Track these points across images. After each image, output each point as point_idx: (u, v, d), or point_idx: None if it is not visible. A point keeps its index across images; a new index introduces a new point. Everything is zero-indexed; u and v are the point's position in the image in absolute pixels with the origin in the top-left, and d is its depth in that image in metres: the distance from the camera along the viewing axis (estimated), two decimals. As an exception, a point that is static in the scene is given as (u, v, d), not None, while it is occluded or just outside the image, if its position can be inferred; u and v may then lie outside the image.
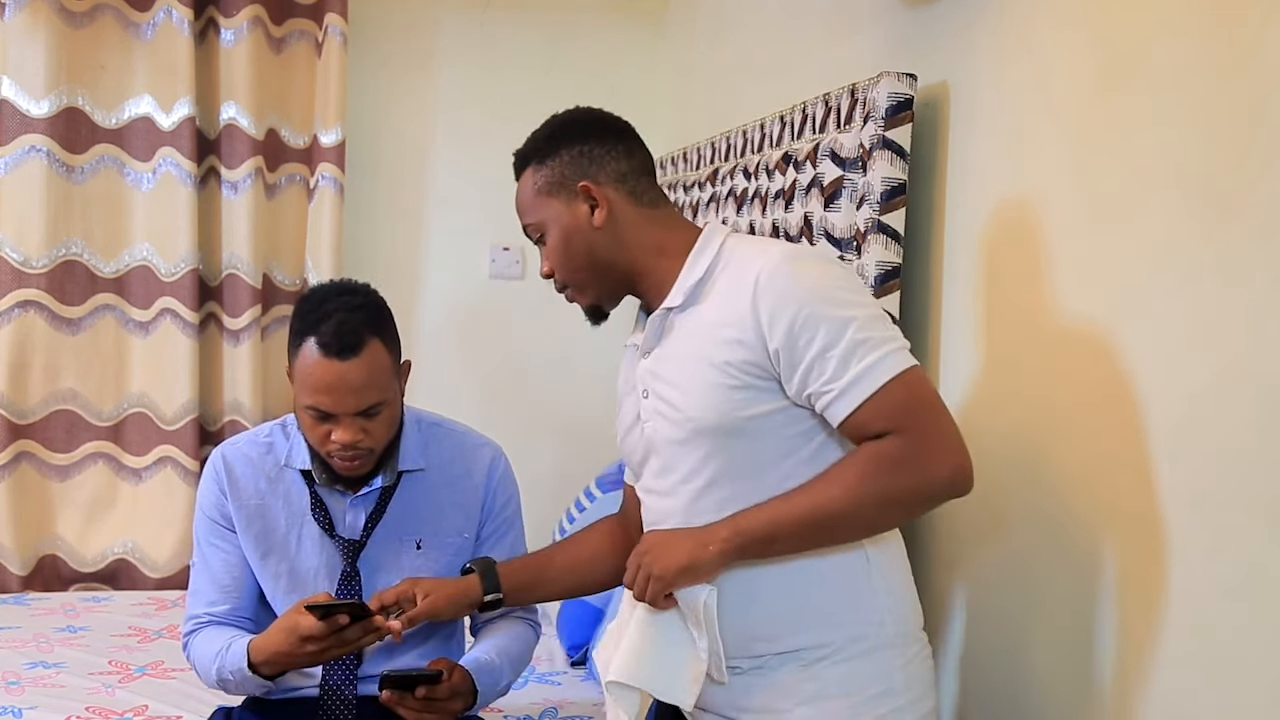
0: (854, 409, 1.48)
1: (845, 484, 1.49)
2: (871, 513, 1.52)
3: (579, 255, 1.66)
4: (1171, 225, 1.49)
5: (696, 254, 1.62)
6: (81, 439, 3.43)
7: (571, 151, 1.66)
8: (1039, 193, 1.78)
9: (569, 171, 1.66)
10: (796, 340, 1.49)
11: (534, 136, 1.72)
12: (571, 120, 1.72)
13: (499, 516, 2.10)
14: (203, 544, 2.06)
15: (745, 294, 1.52)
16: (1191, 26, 1.46)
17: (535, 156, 1.69)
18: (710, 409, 1.54)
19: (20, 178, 3.33)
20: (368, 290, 1.95)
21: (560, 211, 1.66)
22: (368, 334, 1.86)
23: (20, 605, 3.20)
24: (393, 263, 3.68)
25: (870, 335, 1.48)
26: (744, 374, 1.53)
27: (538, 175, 1.68)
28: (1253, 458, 1.35)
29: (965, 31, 1.98)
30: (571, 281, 1.69)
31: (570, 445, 3.74)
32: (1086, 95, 1.67)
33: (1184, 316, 1.46)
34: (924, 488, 1.50)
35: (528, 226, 1.71)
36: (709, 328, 1.56)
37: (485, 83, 3.72)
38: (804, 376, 1.50)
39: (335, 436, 1.87)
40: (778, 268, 1.52)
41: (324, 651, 1.84)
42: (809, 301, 1.49)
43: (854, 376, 1.47)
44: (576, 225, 1.65)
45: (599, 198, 1.64)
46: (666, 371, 1.62)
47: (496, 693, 2.02)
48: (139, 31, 3.42)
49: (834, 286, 1.52)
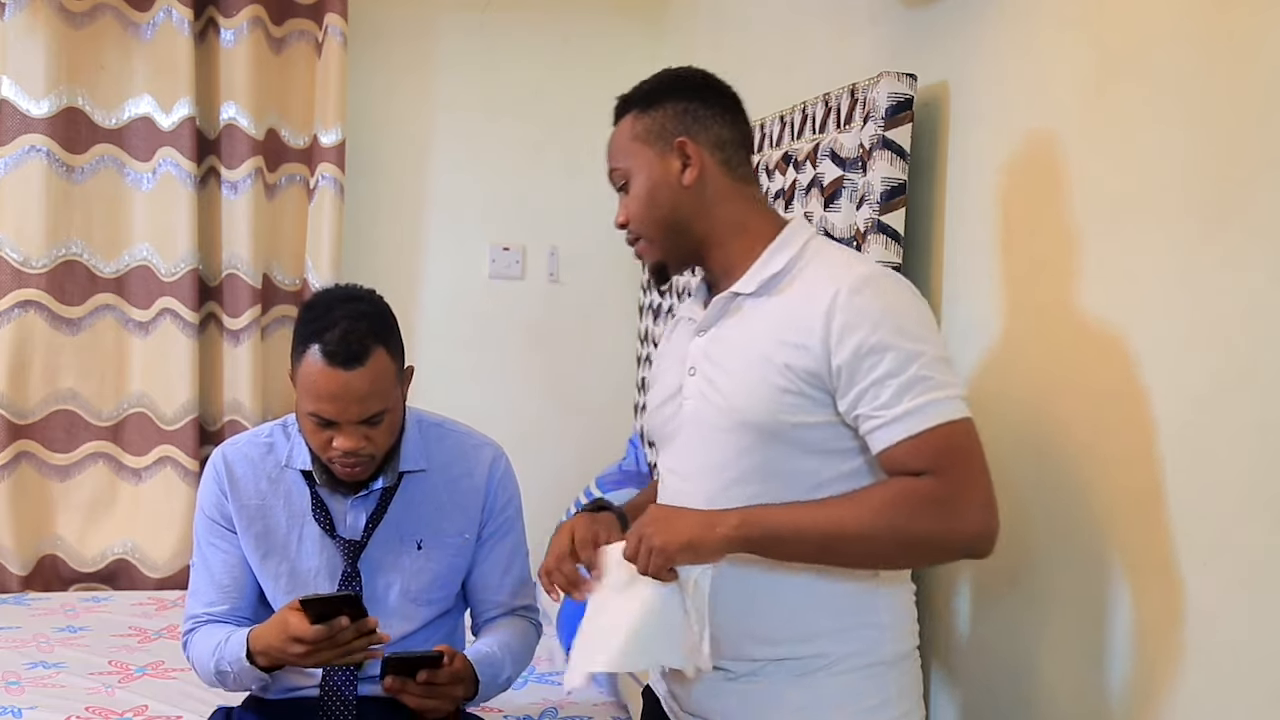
0: (897, 441, 1.46)
1: (869, 508, 1.47)
2: (885, 545, 1.48)
3: (660, 210, 1.62)
4: (1172, 225, 1.49)
5: (779, 246, 1.59)
6: (81, 439, 3.43)
7: (676, 106, 1.63)
8: (1039, 193, 1.78)
9: (670, 124, 1.62)
10: (862, 361, 1.46)
11: (641, 84, 1.68)
12: (683, 76, 1.68)
13: (500, 517, 2.10)
14: (202, 544, 2.06)
15: (821, 303, 1.49)
16: (1191, 26, 1.46)
17: (639, 103, 1.66)
18: (759, 406, 1.52)
19: (20, 178, 3.33)
20: (373, 297, 1.95)
21: (651, 161, 1.62)
22: (373, 343, 1.85)
23: (20, 605, 3.20)
24: (393, 263, 3.68)
25: (933, 375, 1.46)
26: (800, 380, 1.50)
27: (638, 122, 1.64)
28: (1255, 457, 1.35)
29: (965, 31, 1.98)
30: (645, 235, 1.65)
31: (570, 445, 3.74)
32: (1086, 95, 1.67)
33: (1185, 315, 1.46)
34: (945, 536, 1.47)
35: (614, 171, 1.67)
36: (775, 325, 1.54)
37: (485, 83, 3.72)
38: (858, 397, 1.47)
39: (337, 444, 1.87)
40: (861, 286, 1.49)
41: (312, 654, 1.82)
42: (883, 326, 1.47)
43: (907, 409, 1.45)
44: (665, 179, 1.62)
45: (693, 156, 1.61)
46: (721, 356, 1.59)
47: (498, 686, 2.01)
48: (139, 31, 3.41)
49: (910, 318, 1.50)
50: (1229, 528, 1.39)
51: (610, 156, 1.68)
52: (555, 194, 3.77)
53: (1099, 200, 1.64)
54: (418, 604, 2.03)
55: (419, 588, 2.03)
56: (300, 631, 1.79)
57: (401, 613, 2.01)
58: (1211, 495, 1.42)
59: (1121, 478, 1.57)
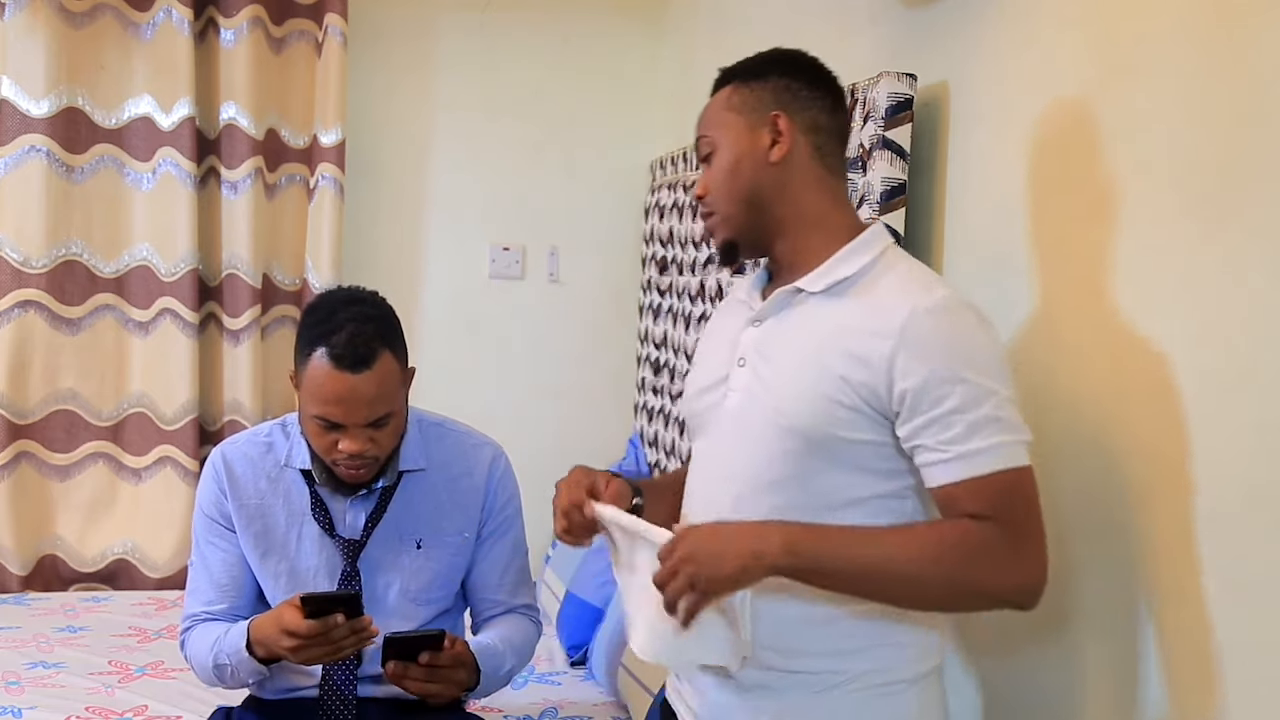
0: (957, 480, 1.39)
1: (922, 548, 1.40)
2: (934, 589, 1.42)
3: (741, 184, 1.55)
4: (1172, 224, 1.49)
5: (856, 248, 1.51)
6: (81, 439, 3.43)
7: (779, 82, 1.56)
8: (1039, 192, 1.78)
9: (768, 98, 1.56)
10: (930, 391, 1.39)
11: (747, 58, 1.62)
12: (790, 55, 1.62)
13: (499, 516, 2.10)
14: (201, 543, 2.06)
15: (892, 321, 1.41)
16: (1191, 25, 1.46)
17: (741, 75, 1.60)
18: (806, 413, 1.45)
19: (20, 178, 3.33)
20: (378, 299, 1.95)
21: (740, 133, 1.56)
22: (379, 346, 1.85)
23: (20, 605, 3.20)
24: (393, 263, 3.68)
25: (1006, 417, 1.40)
26: (856, 395, 1.42)
27: (735, 93, 1.59)
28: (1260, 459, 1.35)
29: (965, 31, 1.98)
30: (721, 210, 1.57)
31: (570, 445, 3.73)
32: (1087, 95, 1.67)
33: (1187, 315, 1.46)
34: (997, 586, 1.41)
35: (701, 139, 1.61)
36: (839, 332, 1.45)
37: (485, 83, 3.72)
38: (922, 428, 1.40)
39: (342, 446, 1.87)
40: (938, 310, 1.41)
41: (304, 649, 1.82)
42: (957, 358, 1.39)
43: (973, 449, 1.38)
44: (751, 152, 1.55)
45: (785, 132, 1.54)
46: (775, 353, 1.51)
47: (499, 678, 2.02)
48: (139, 31, 3.41)
49: (986, 354, 1.42)
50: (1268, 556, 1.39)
51: (700, 124, 1.62)
52: (555, 194, 3.77)
53: (1099, 200, 1.64)
54: (417, 603, 2.03)
55: (418, 587, 2.04)
56: (294, 625, 1.79)
57: (401, 612, 2.01)
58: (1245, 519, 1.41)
59: (1133, 479, 1.57)
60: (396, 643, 1.83)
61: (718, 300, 2.95)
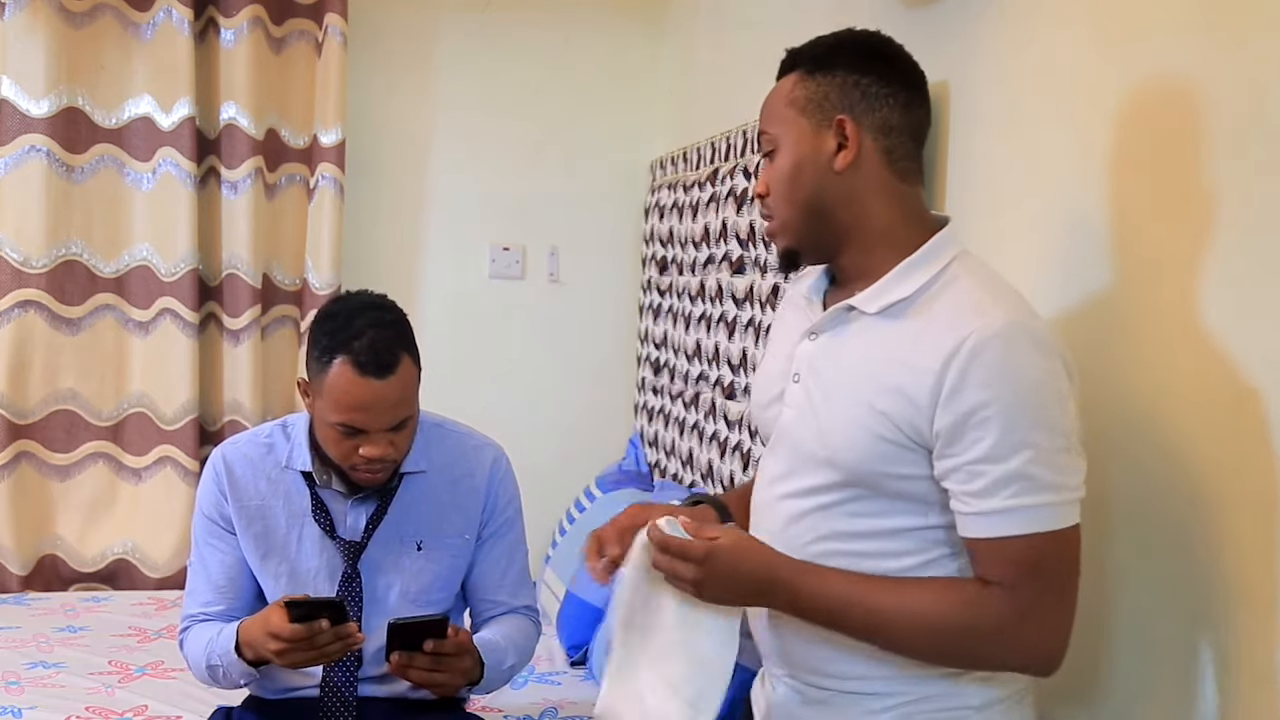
0: (978, 538, 1.32)
1: (923, 608, 1.35)
2: (937, 656, 1.37)
3: (802, 191, 1.44)
4: (1173, 223, 1.49)
5: (916, 263, 1.40)
6: (81, 439, 3.43)
7: (848, 76, 1.43)
8: (1039, 192, 1.78)
9: (834, 96, 1.43)
10: (965, 431, 1.30)
11: (817, 41, 1.49)
12: (864, 42, 1.49)
13: (500, 517, 2.10)
14: (200, 544, 2.06)
15: (942, 349, 1.31)
16: (1191, 25, 1.46)
17: (807, 63, 1.46)
18: (853, 450, 1.38)
19: (20, 178, 3.32)
20: (392, 305, 1.96)
21: (803, 135, 1.44)
22: (400, 351, 1.87)
23: (20, 605, 3.20)
24: (393, 263, 3.68)
25: (1040, 474, 1.29)
26: (900, 431, 1.34)
27: (800, 85, 1.45)
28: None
29: (965, 31, 1.98)
30: (780, 215, 1.47)
31: (570, 445, 3.74)
32: (1087, 95, 1.67)
33: (1189, 315, 1.46)
34: (1002, 660, 1.37)
35: (763, 135, 1.49)
36: (885, 362, 1.36)
37: (485, 83, 3.72)
38: (951, 471, 1.32)
39: (364, 451, 1.88)
40: (989, 341, 1.29)
41: (288, 653, 1.81)
42: (1001, 398, 1.28)
43: (997, 507, 1.29)
44: (815, 158, 1.43)
45: (851, 139, 1.42)
46: (826, 375, 1.43)
47: (502, 673, 2.02)
48: (139, 31, 3.41)
49: (1035, 394, 1.29)
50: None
51: (762, 117, 1.49)
52: (555, 194, 3.77)
53: (1100, 199, 1.64)
54: (418, 604, 2.03)
55: (419, 588, 2.04)
56: (279, 628, 1.79)
57: (402, 613, 2.00)
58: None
59: (1129, 478, 1.57)
60: (401, 629, 1.82)
61: (718, 300, 2.95)
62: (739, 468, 2.73)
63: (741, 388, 2.78)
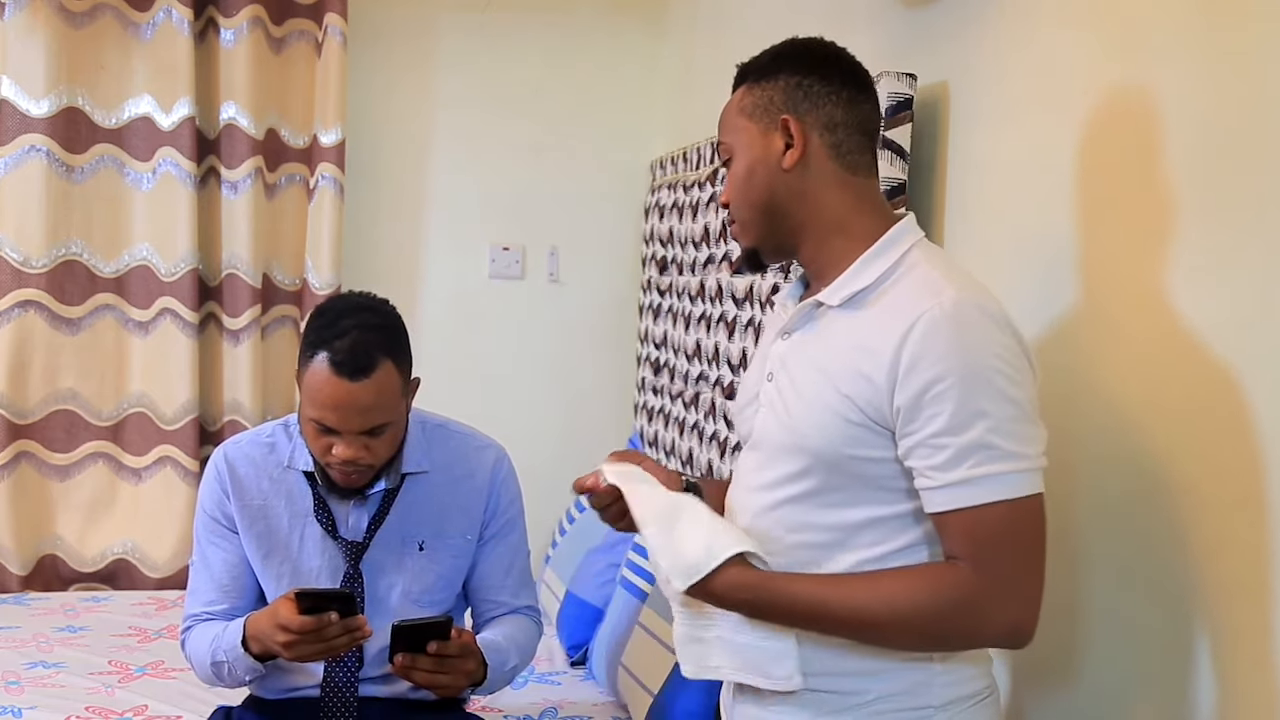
0: (944, 512, 1.33)
1: (890, 599, 1.35)
2: (906, 639, 1.38)
3: (756, 191, 1.49)
4: (1173, 223, 1.49)
5: (874, 254, 1.44)
6: (81, 439, 3.43)
7: (790, 79, 1.49)
8: (1039, 192, 1.78)
9: (778, 99, 1.49)
10: (922, 408, 1.32)
11: (764, 52, 1.55)
12: (804, 48, 1.54)
13: (502, 518, 2.10)
14: (203, 543, 2.07)
15: (897, 331, 1.34)
16: (1191, 24, 1.46)
17: (753, 74, 1.53)
18: (820, 433, 1.40)
19: (20, 178, 3.33)
20: (386, 308, 1.95)
21: (753, 139, 1.50)
22: (380, 356, 1.85)
23: (20, 605, 3.20)
24: (393, 263, 3.68)
25: (999, 443, 1.30)
26: (863, 413, 1.37)
27: (748, 95, 1.52)
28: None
29: (965, 31, 1.99)
30: (739, 217, 1.52)
31: (570, 445, 3.74)
32: (1087, 94, 1.67)
33: (1190, 315, 1.46)
34: (972, 636, 1.37)
35: (720, 145, 1.56)
36: (849, 350, 1.40)
37: (485, 82, 3.72)
38: (913, 448, 1.34)
39: (336, 451, 1.88)
40: (940, 319, 1.32)
41: (297, 645, 1.81)
42: (954, 371, 1.31)
43: (960, 478, 1.31)
44: (765, 158, 1.49)
45: (796, 137, 1.47)
46: (796, 370, 1.47)
47: (504, 674, 2.02)
48: (139, 31, 3.41)
49: (990, 365, 1.32)
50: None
51: (719, 128, 1.56)
52: (555, 194, 3.77)
53: (1100, 199, 1.64)
54: (419, 605, 2.03)
55: (421, 589, 2.04)
56: (287, 620, 1.80)
57: (404, 614, 2.01)
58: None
59: (1129, 477, 1.57)
60: (405, 631, 1.82)
61: (718, 300, 2.95)
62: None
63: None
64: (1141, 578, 1.54)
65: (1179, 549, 1.47)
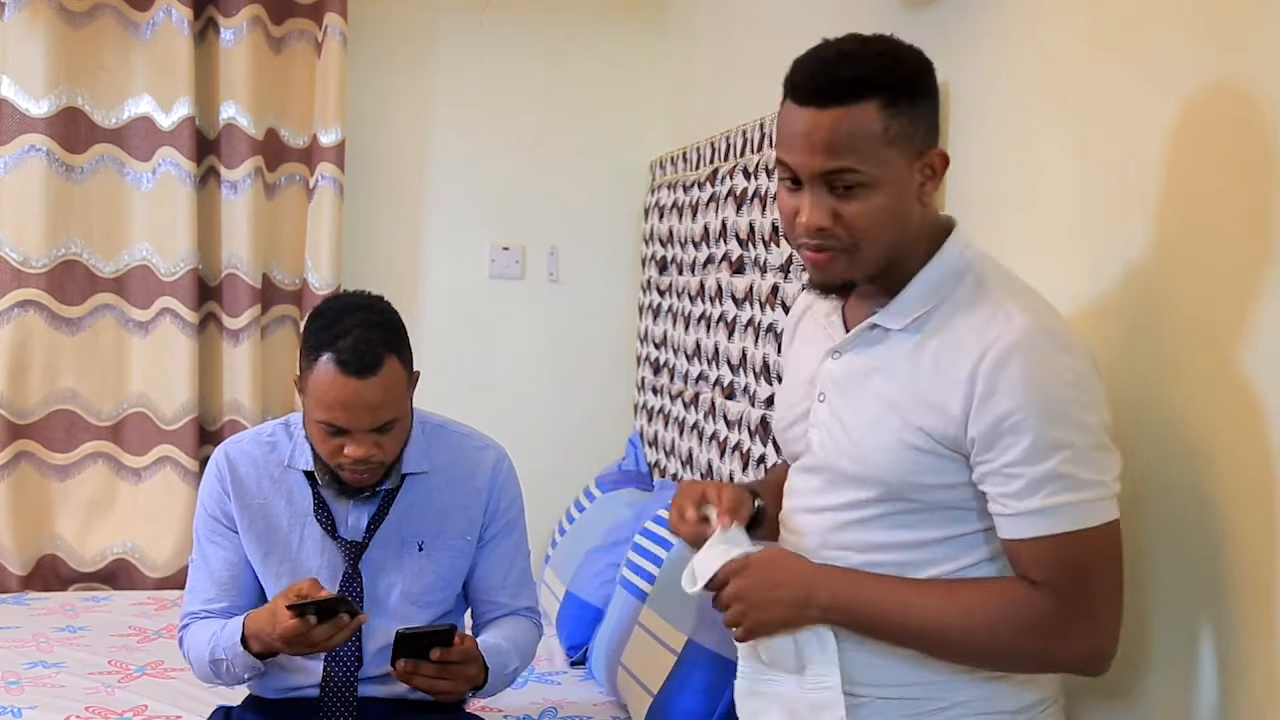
0: (1018, 540, 1.33)
1: (968, 612, 1.36)
2: (981, 656, 1.38)
3: (895, 231, 1.38)
4: (1173, 223, 1.49)
5: (935, 273, 1.41)
6: (81, 439, 3.43)
7: (926, 102, 1.38)
8: (1040, 193, 1.78)
9: (926, 127, 1.37)
10: (998, 438, 1.31)
11: (884, 64, 1.37)
12: (930, 68, 1.42)
13: (502, 519, 2.10)
14: (203, 541, 2.07)
15: (965, 366, 1.33)
16: (1192, 26, 1.46)
17: (891, 91, 1.35)
18: (890, 464, 1.39)
19: (20, 177, 3.32)
20: (383, 305, 1.95)
21: (900, 172, 1.36)
22: (385, 351, 1.86)
23: (20, 605, 3.20)
24: (393, 263, 3.68)
25: (1075, 473, 1.30)
26: (937, 443, 1.36)
27: (893, 118, 1.34)
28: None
29: (965, 31, 1.99)
30: (868, 250, 1.38)
31: (570, 445, 3.74)
32: (1087, 95, 1.67)
33: (1190, 314, 1.46)
34: (1049, 660, 1.38)
35: (847, 172, 1.35)
36: (916, 379, 1.38)
37: (485, 83, 3.72)
38: (987, 475, 1.34)
39: (348, 451, 1.88)
40: (1013, 348, 1.31)
41: (293, 644, 1.83)
42: (1029, 404, 1.30)
43: (1034, 508, 1.31)
44: (909, 195, 1.38)
45: (938, 172, 1.39)
46: (855, 394, 1.44)
47: (505, 677, 2.02)
48: (139, 31, 3.41)
49: (1064, 395, 1.31)
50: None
51: (840, 151, 1.35)
52: (555, 194, 3.77)
53: (1101, 199, 1.64)
54: (419, 605, 2.03)
55: (420, 589, 2.04)
56: (282, 627, 1.81)
57: (403, 614, 2.01)
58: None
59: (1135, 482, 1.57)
60: (407, 639, 1.82)
61: (718, 300, 2.95)
62: (738, 467, 2.73)
63: (741, 388, 2.78)
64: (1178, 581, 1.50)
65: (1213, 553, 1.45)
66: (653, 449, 3.46)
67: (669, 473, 3.29)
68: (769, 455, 2.55)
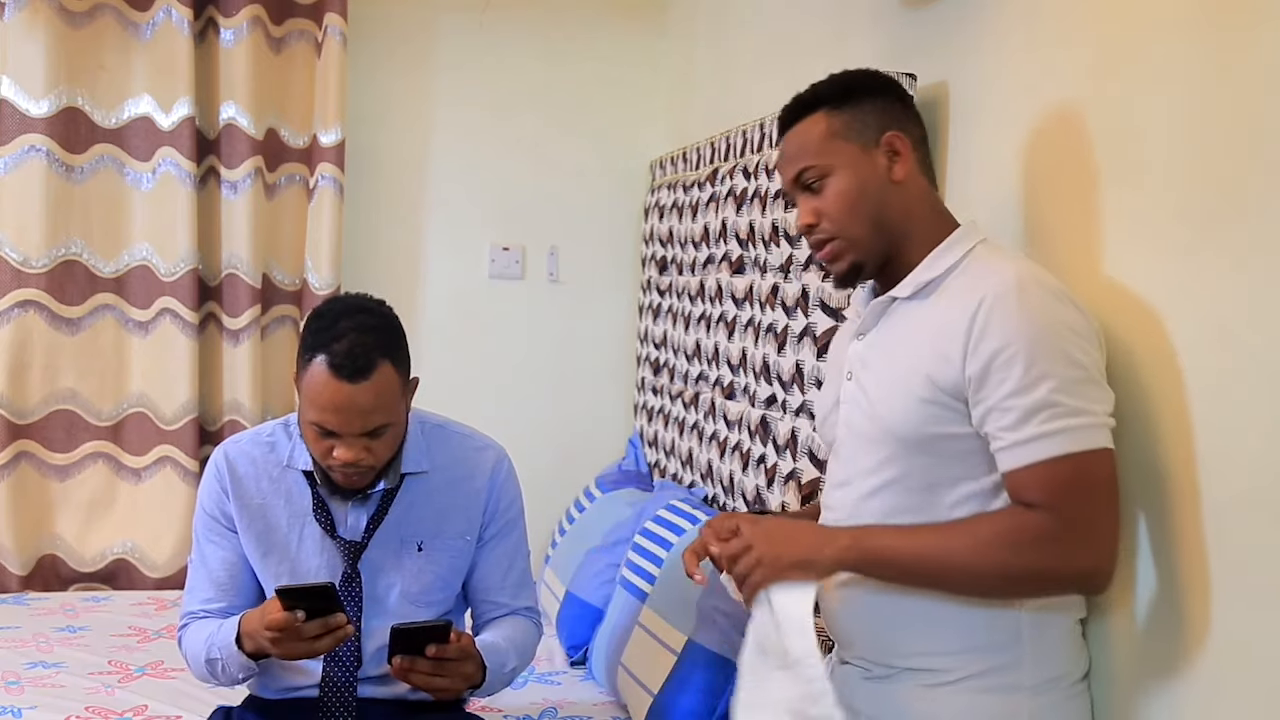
0: (1014, 468, 1.43)
1: (976, 540, 1.44)
2: (992, 580, 1.46)
3: (868, 207, 1.57)
4: (1173, 223, 1.49)
5: (943, 250, 1.56)
6: (81, 439, 3.43)
7: (877, 103, 1.60)
8: (1039, 193, 1.78)
9: (874, 119, 1.59)
10: (991, 374, 1.43)
11: (829, 83, 1.63)
12: (871, 75, 1.65)
13: (502, 519, 2.10)
14: (202, 541, 2.07)
15: (967, 310, 1.46)
16: (1190, 25, 1.46)
17: (832, 101, 1.60)
18: (904, 417, 1.51)
19: (20, 178, 3.33)
20: (382, 309, 1.94)
21: (856, 158, 1.58)
22: (379, 357, 1.85)
23: (20, 605, 3.20)
24: (393, 263, 3.68)
25: (1065, 401, 1.40)
26: (942, 391, 1.48)
27: (834, 118, 1.59)
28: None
29: (965, 31, 1.99)
30: (846, 234, 1.58)
31: (570, 445, 3.75)
32: (1086, 95, 1.67)
33: (1190, 315, 1.46)
34: (1051, 575, 1.44)
35: (806, 170, 1.60)
36: (923, 333, 1.51)
37: (485, 83, 3.72)
38: (985, 414, 1.44)
39: (338, 454, 1.87)
40: (1005, 292, 1.44)
41: (281, 642, 1.82)
42: (1020, 338, 1.41)
43: (1029, 436, 1.41)
44: (873, 175, 1.58)
45: (903, 151, 1.58)
46: (874, 362, 1.58)
47: (503, 676, 2.02)
48: (139, 31, 3.41)
49: (1054, 331, 1.43)
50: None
51: (798, 156, 1.61)
52: (555, 194, 3.77)
53: (1100, 199, 1.64)
54: (418, 605, 2.03)
55: (420, 589, 2.04)
56: (269, 618, 1.81)
57: (402, 614, 2.01)
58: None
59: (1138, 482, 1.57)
60: (403, 634, 1.82)
61: (718, 300, 2.95)
62: (739, 467, 2.73)
63: (741, 388, 2.78)
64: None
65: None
66: (653, 449, 3.46)
67: (669, 473, 3.29)
68: (769, 455, 2.55)
